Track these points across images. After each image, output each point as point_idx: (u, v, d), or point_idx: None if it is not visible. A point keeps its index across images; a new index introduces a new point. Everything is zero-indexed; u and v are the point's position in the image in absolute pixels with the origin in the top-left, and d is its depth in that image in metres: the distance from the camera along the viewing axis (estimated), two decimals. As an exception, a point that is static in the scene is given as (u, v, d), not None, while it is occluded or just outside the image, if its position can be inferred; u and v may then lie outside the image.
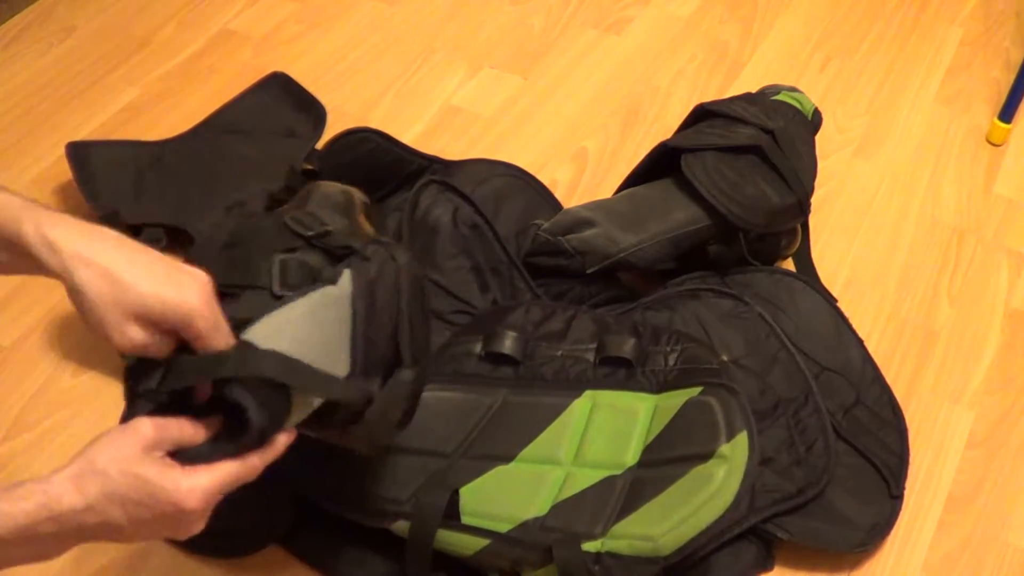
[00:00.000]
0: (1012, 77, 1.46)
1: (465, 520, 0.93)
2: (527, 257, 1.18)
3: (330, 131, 1.43)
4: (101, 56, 1.52)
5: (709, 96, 1.50)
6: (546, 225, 1.18)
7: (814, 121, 1.27)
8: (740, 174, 1.15)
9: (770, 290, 1.17)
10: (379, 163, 1.30)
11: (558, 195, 1.34)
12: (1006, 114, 1.44)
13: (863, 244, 1.33)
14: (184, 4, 1.62)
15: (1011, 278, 1.29)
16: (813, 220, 1.34)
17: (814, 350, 1.13)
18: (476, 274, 1.13)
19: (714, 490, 0.90)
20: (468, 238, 1.14)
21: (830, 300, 1.19)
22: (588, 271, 1.16)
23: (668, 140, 1.20)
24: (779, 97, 1.25)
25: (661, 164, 1.20)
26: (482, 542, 0.91)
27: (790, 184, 1.16)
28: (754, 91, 1.28)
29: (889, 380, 1.16)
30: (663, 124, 1.46)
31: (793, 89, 1.27)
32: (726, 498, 0.90)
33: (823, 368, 1.12)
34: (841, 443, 1.06)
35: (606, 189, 1.36)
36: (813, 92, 1.52)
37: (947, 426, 1.14)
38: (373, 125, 1.34)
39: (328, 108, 1.42)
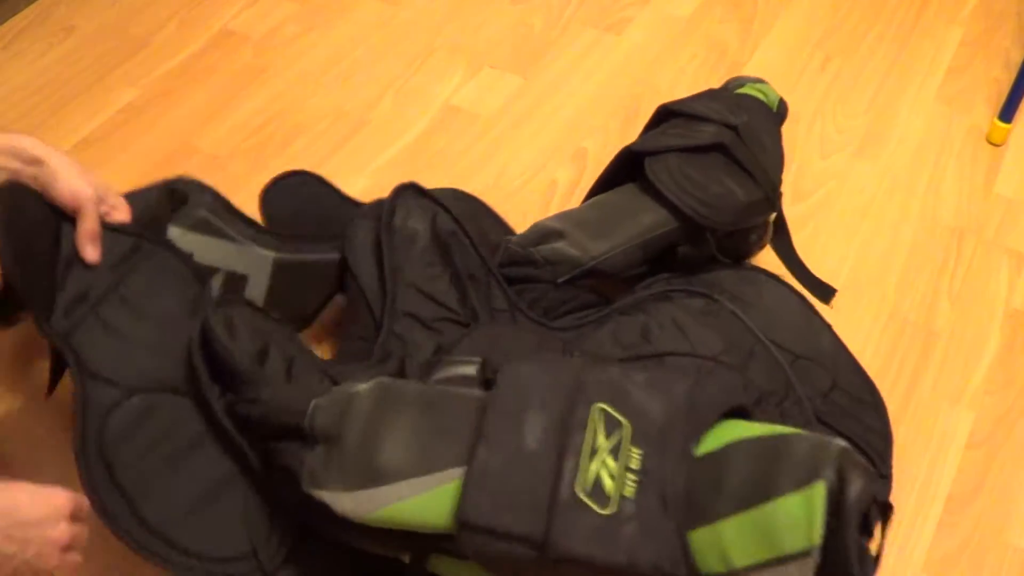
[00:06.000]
0: (1012, 77, 1.46)
1: None
2: (498, 269, 1.17)
3: (330, 131, 1.43)
4: (101, 56, 1.53)
5: (709, 96, 1.50)
6: (515, 238, 1.17)
7: (779, 112, 1.25)
8: (705, 173, 1.15)
9: (736, 286, 1.17)
10: (322, 206, 1.25)
11: (558, 195, 1.34)
12: (1006, 114, 1.44)
13: (863, 244, 1.33)
14: (184, 4, 1.62)
15: (1011, 278, 1.29)
16: (813, 220, 1.34)
17: (786, 340, 1.12)
18: (455, 281, 1.11)
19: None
20: (446, 246, 1.12)
21: (809, 290, 1.20)
22: (559, 281, 1.14)
23: (631, 144, 1.20)
24: (743, 90, 1.24)
25: (626, 169, 1.19)
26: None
27: (756, 179, 1.16)
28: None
29: (889, 380, 1.16)
30: (663, 124, 1.46)
31: (758, 80, 1.26)
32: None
33: (796, 356, 1.11)
34: (824, 428, 1.05)
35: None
36: (813, 92, 1.53)
37: (947, 426, 1.14)
38: (373, 125, 1.34)
39: (328, 108, 1.42)
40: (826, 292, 1.25)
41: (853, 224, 1.35)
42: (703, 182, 1.14)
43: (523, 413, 0.82)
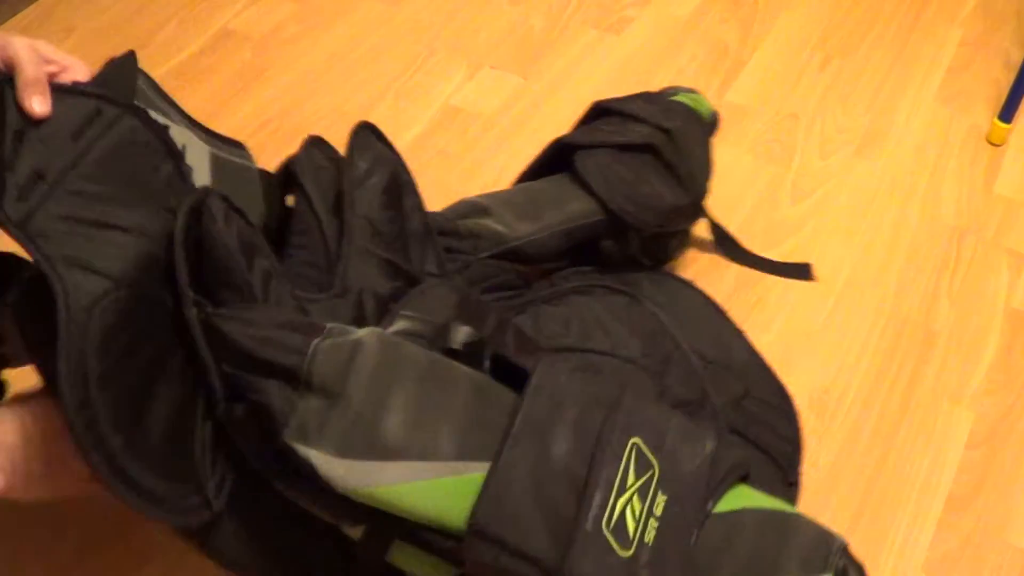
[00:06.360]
0: (1012, 77, 1.46)
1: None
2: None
3: (330, 131, 1.43)
4: (101, 56, 1.51)
5: (709, 96, 1.50)
6: (441, 210, 1.14)
7: (711, 123, 1.26)
8: (634, 172, 1.15)
9: (650, 290, 1.17)
10: None
11: (558, 195, 1.35)
12: (1006, 114, 1.44)
13: (863, 244, 1.33)
14: (184, 4, 1.62)
15: (1011, 278, 1.29)
16: (813, 220, 1.34)
17: (699, 345, 1.12)
18: (402, 233, 1.04)
19: None
20: (400, 195, 1.06)
21: (785, 276, 1.21)
22: (481, 257, 1.11)
23: (563, 136, 1.20)
24: (677, 98, 1.24)
25: (557, 161, 1.19)
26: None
27: (684, 184, 1.16)
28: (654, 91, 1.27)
29: (889, 380, 1.17)
30: (663, 124, 1.46)
31: (691, 91, 1.26)
32: None
33: (709, 362, 1.11)
34: (734, 436, 1.05)
35: (606, 189, 1.36)
36: (813, 92, 1.53)
37: (947, 426, 1.14)
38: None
39: (328, 108, 1.42)
40: (803, 271, 1.25)
41: (853, 224, 1.35)
42: (632, 180, 1.14)
43: (554, 425, 0.78)
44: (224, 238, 0.79)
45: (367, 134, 1.05)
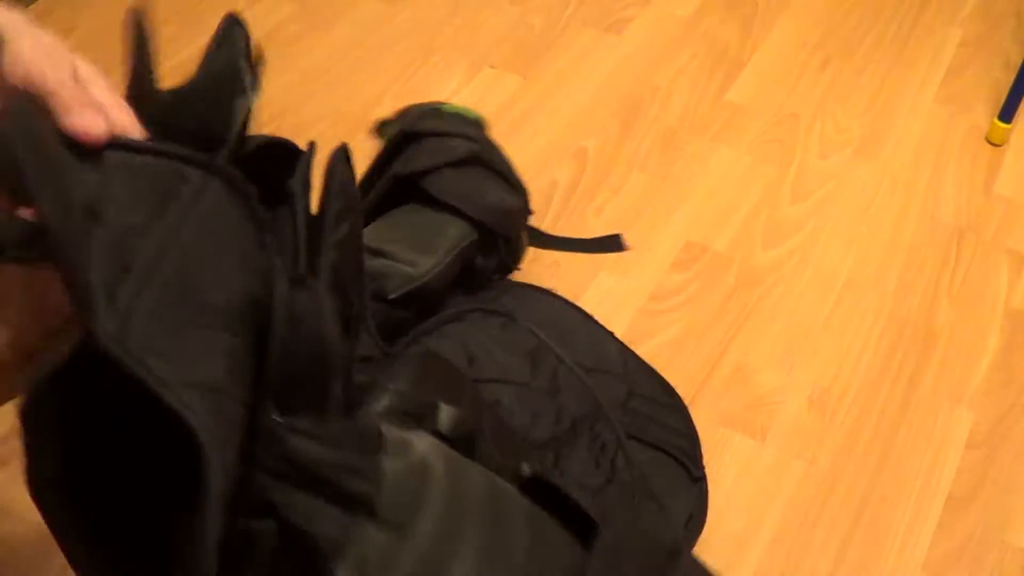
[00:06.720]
0: (1012, 77, 1.46)
1: None
2: None
3: (330, 131, 1.43)
4: (101, 56, 1.51)
5: (709, 96, 1.50)
6: None
7: (484, 128, 1.25)
8: (476, 184, 1.14)
9: (516, 306, 1.13)
10: None
11: (558, 195, 1.34)
12: (1006, 114, 1.44)
13: (863, 244, 1.33)
14: (184, 4, 1.62)
15: (1011, 278, 1.29)
16: (813, 220, 1.34)
17: (575, 355, 1.08)
18: (352, 283, 0.93)
19: None
20: (359, 238, 0.92)
21: (601, 251, 1.20)
22: (390, 297, 1.05)
23: (397, 170, 1.16)
24: (447, 109, 1.23)
25: (393, 193, 1.16)
26: None
27: (513, 185, 1.16)
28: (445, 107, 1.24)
29: (889, 380, 1.17)
30: (663, 124, 1.46)
31: (446, 104, 1.25)
32: None
33: (588, 369, 1.08)
34: (632, 441, 1.03)
35: (606, 189, 1.36)
36: (813, 92, 1.53)
37: (947, 426, 1.14)
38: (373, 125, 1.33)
39: (328, 108, 1.42)
40: (615, 242, 1.25)
41: (853, 224, 1.35)
42: (479, 191, 1.13)
43: None
44: (333, 346, 0.64)
45: (343, 162, 0.98)
